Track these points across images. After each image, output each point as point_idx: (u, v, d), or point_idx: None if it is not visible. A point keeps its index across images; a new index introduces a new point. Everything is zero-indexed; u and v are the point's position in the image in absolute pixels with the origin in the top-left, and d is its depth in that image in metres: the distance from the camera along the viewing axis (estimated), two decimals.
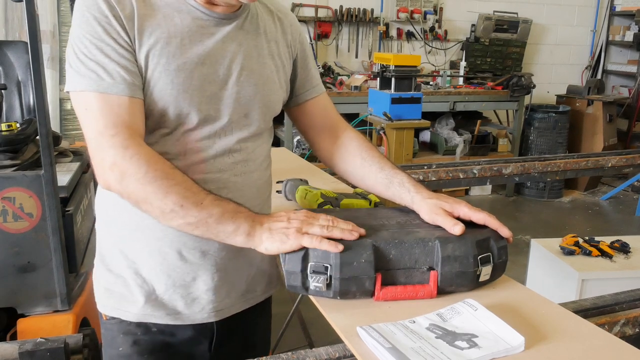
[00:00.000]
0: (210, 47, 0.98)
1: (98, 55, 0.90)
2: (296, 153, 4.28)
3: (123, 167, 0.88)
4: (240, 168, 1.04)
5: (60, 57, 4.31)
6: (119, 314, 1.05)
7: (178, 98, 0.95)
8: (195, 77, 0.96)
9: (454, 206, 1.00)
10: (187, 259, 1.02)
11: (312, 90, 1.19)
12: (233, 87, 1.01)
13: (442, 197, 1.03)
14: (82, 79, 0.91)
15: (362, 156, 1.16)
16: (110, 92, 0.90)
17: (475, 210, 1.00)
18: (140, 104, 0.93)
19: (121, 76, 0.91)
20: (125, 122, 0.90)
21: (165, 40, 0.94)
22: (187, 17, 0.97)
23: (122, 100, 0.90)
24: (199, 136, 0.99)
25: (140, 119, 0.93)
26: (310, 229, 0.90)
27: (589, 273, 2.17)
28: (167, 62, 0.94)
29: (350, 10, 5.18)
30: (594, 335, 0.86)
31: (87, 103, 0.91)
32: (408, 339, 0.80)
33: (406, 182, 1.08)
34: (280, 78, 1.10)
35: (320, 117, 1.21)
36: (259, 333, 1.24)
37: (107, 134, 0.89)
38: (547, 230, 4.23)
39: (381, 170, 1.12)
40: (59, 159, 2.32)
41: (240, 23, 1.03)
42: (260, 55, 1.06)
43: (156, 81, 0.94)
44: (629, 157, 2.70)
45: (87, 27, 0.91)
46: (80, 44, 0.91)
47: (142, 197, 0.89)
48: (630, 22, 6.09)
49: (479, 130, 5.30)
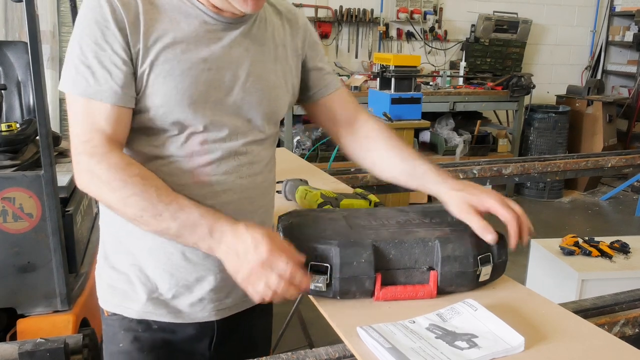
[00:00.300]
0: (216, 53, 0.97)
1: (91, 60, 0.91)
2: (296, 153, 4.28)
3: (89, 173, 0.91)
4: (245, 170, 1.03)
5: (60, 57, 4.31)
6: (120, 311, 1.05)
7: (183, 103, 0.94)
8: (201, 83, 0.95)
9: (481, 199, 0.98)
10: (191, 260, 1.02)
11: (325, 88, 1.17)
12: (239, 94, 1.00)
13: (468, 187, 1.01)
14: (72, 82, 0.92)
15: (384, 147, 1.15)
16: (95, 98, 0.91)
17: (504, 206, 0.98)
18: (125, 113, 0.93)
19: (109, 84, 0.91)
20: (101, 129, 0.91)
21: (171, 45, 0.94)
22: (195, 21, 0.96)
23: (105, 107, 0.91)
24: (204, 140, 0.98)
25: (122, 127, 0.94)
26: (258, 285, 0.86)
27: (588, 273, 2.17)
28: (172, 67, 0.93)
29: (350, 11, 5.18)
30: (593, 336, 0.86)
31: (73, 105, 0.93)
32: (408, 339, 0.80)
33: (430, 171, 1.07)
34: (287, 82, 1.09)
35: (338, 113, 1.19)
36: (260, 332, 1.24)
37: (81, 139, 0.92)
38: (547, 231, 4.23)
39: (404, 160, 1.11)
40: (59, 159, 2.32)
41: (247, 28, 1.02)
42: (267, 60, 1.05)
43: (161, 86, 0.93)
44: (629, 157, 2.69)
45: (87, 29, 0.91)
46: (77, 45, 0.92)
47: (108, 204, 0.92)
48: (630, 23, 6.09)
49: (479, 130, 5.30)
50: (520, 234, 0.99)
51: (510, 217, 0.98)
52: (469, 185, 1.02)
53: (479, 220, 0.97)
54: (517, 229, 0.98)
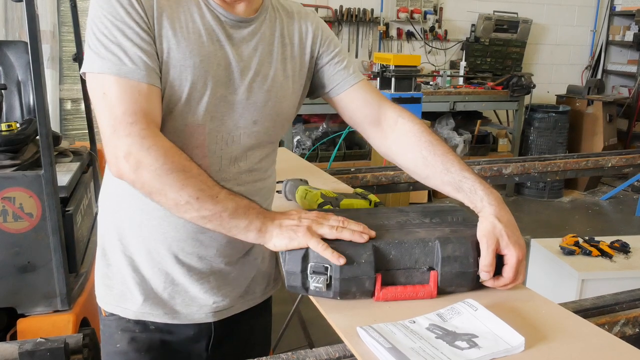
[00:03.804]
0: (226, 49, 0.97)
1: (120, 38, 0.87)
2: (296, 153, 4.28)
3: (139, 157, 0.85)
4: (244, 178, 1.03)
5: (60, 57, 4.31)
6: (118, 311, 1.05)
7: (189, 96, 0.93)
8: (209, 77, 0.95)
9: (510, 245, 0.92)
10: (184, 262, 1.02)
11: (340, 85, 1.11)
12: (244, 93, 0.99)
13: (509, 225, 0.94)
14: (102, 61, 0.87)
15: (422, 154, 1.05)
16: (131, 77, 0.87)
17: (515, 272, 0.93)
18: (159, 93, 0.91)
19: (143, 61, 0.88)
20: (144, 110, 0.87)
21: (184, 35, 0.92)
22: (207, 14, 0.96)
23: (142, 87, 0.87)
24: (204, 141, 0.97)
25: (158, 108, 0.91)
26: (320, 229, 0.90)
27: (589, 273, 2.17)
28: (184, 58, 0.92)
29: (350, 10, 5.18)
30: (593, 335, 0.86)
31: (106, 87, 0.87)
32: (408, 339, 0.80)
33: (478, 189, 0.99)
34: (295, 83, 1.08)
35: (358, 110, 1.12)
36: (259, 333, 1.23)
37: (125, 121, 0.86)
38: (547, 230, 4.23)
39: (448, 172, 1.02)
40: (59, 159, 2.32)
41: (257, 27, 1.01)
42: (275, 60, 1.03)
43: (169, 75, 0.92)
44: (629, 157, 2.69)
45: (109, 7, 0.88)
46: (101, 24, 0.88)
47: (156, 189, 0.86)
48: (630, 22, 6.09)
49: (479, 130, 5.31)
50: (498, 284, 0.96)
51: (508, 277, 0.94)
52: (510, 223, 0.95)
53: (490, 255, 0.92)
54: (511, 285, 0.95)
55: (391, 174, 2.19)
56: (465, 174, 1.01)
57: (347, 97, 1.12)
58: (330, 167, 4.05)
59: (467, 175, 1.01)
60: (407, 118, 1.11)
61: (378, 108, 1.12)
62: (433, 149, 1.05)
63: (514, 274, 0.93)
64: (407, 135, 1.09)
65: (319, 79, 1.13)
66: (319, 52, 1.12)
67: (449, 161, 1.03)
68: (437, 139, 1.08)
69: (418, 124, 1.10)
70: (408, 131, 1.09)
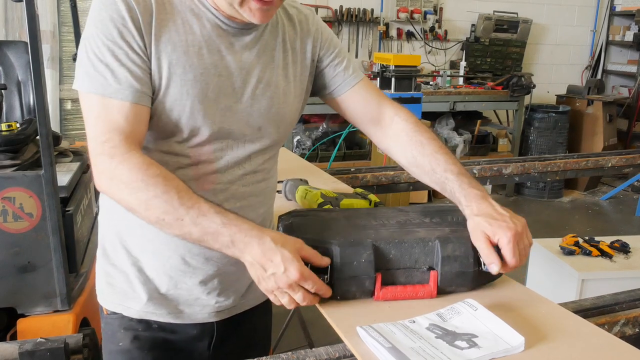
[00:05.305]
0: (227, 58, 0.97)
1: (109, 58, 0.88)
2: (296, 153, 4.29)
3: (110, 174, 0.87)
4: (249, 179, 1.03)
5: (60, 57, 4.31)
6: (120, 310, 1.05)
7: (193, 109, 0.93)
8: (211, 89, 0.95)
9: (496, 231, 0.92)
10: (190, 264, 1.02)
11: (341, 86, 1.12)
12: (248, 100, 0.99)
13: (489, 214, 0.95)
14: (89, 81, 0.89)
15: (412, 153, 1.08)
16: (115, 97, 0.88)
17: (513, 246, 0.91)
18: (144, 111, 0.91)
19: (129, 82, 0.89)
20: (120, 128, 0.88)
21: (183, 49, 0.92)
22: (207, 24, 0.95)
23: (124, 106, 0.88)
24: (212, 147, 0.98)
25: (141, 126, 0.91)
26: (282, 298, 0.86)
27: (589, 273, 2.17)
28: (184, 72, 0.92)
29: (350, 10, 5.18)
30: (593, 335, 0.86)
31: (90, 105, 0.90)
32: (408, 339, 0.80)
33: (457, 192, 1.00)
34: (297, 87, 1.08)
35: (360, 110, 1.14)
36: (260, 332, 1.24)
37: (99, 139, 0.88)
38: (547, 230, 4.23)
39: (434, 172, 1.04)
40: (59, 159, 2.32)
41: (259, 33, 1.01)
42: (277, 66, 1.03)
43: (171, 90, 0.92)
44: (629, 157, 2.69)
45: (102, 27, 0.89)
46: (93, 44, 0.89)
47: (129, 206, 0.88)
48: (630, 22, 6.09)
49: (479, 130, 5.30)
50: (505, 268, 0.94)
51: (514, 263, 0.92)
52: (493, 211, 0.95)
53: (486, 248, 0.92)
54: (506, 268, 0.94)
55: (391, 174, 2.19)
56: (448, 175, 1.02)
57: (347, 98, 1.13)
58: (330, 167, 4.05)
59: (449, 176, 1.02)
60: (402, 117, 1.12)
61: (378, 107, 1.14)
62: (422, 149, 1.07)
63: (512, 252, 0.91)
64: (401, 134, 1.10)
65: (320, 81, 1.14)
66: (320, 55, 1.12)
67: (435, 161, 1.05)
68: (428, 137, 1.09)
69: (412, 122, 1.11)
70: (401, 130, 1.11)
